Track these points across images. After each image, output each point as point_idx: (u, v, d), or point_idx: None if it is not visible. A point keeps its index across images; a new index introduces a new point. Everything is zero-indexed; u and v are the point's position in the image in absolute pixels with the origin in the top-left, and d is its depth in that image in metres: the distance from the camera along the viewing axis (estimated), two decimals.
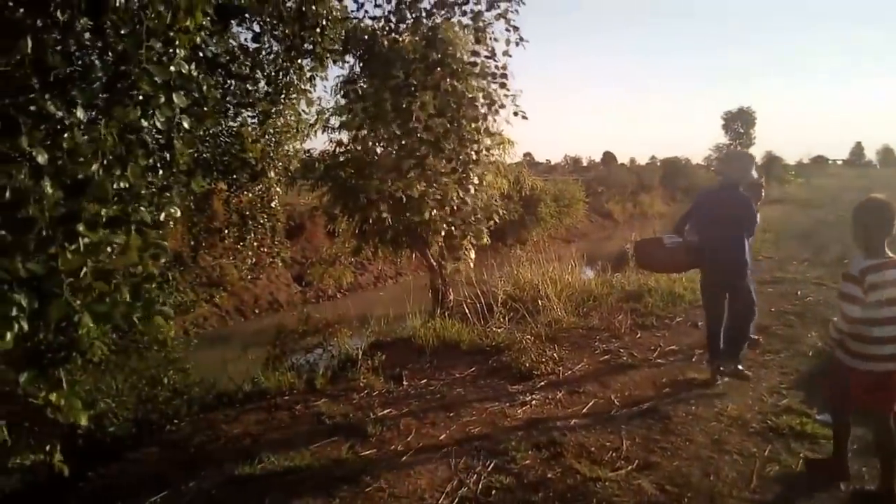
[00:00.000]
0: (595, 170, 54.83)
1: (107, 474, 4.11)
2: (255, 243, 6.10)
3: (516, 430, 4.49)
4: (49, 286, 1.66)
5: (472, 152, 2.72)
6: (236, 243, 6.06)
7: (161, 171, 1.94)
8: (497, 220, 3.69)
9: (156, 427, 5.00)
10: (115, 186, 1.64)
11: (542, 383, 5.51)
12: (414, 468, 3.91)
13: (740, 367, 5.54)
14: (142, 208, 1.71)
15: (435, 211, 2.93)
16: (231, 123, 3.85)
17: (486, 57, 2.73)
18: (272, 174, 4.76)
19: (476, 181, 2.84)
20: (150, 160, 1.88)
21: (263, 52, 3.49)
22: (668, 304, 8.20)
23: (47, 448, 1.91)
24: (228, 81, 3.07)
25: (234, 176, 5.31)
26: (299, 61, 3.65)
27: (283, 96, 3.85)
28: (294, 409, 5.10)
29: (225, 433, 4.60)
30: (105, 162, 1.58)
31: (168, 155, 1.85)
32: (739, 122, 52.75)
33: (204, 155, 5.04)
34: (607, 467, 3.89)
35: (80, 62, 1.49)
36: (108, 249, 1.72)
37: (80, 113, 1.47)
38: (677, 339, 6.89)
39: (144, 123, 1.69)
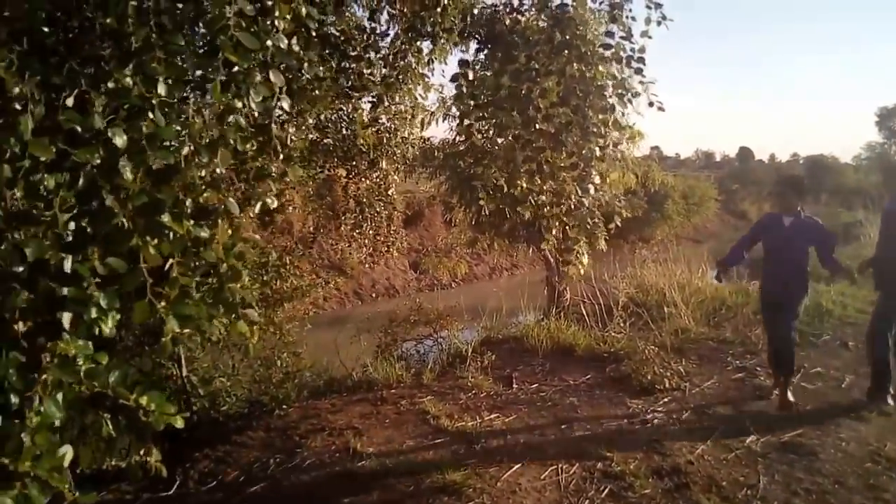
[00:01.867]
0: (729, 166, 51.69)
1: (213, 456, 4.13)
2: (371, 231, 5.98)
3: (635, 451, 4.09)
4: (130, 284, 1.52)
5: (597, 148, 2.40)
6: (353, 230, 5.98)
7: (258, 158, 1.76)
8: (618, 224, 3.35)
9: (266, 410, 5.01)
10: (202, 174, 1.47)
11: (666, 399, 5.04)
12: (520, 484, 3.63)
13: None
14: (230, 199, 1.52)
15: (547, 208, 2.65)
16: (344, 108, 3.71)
17: (622, 38, 2.39)
18: (384, 164, 4.58)
19: (597, 180, 2.52)
20: (247, 145, 1.71)
21: (379, 32, 3.31)
22: (813, 320, 7.36)
23: (142, 451, 1.77)
24: (343, 63, 2.90)
25: (354, 162, 5.22)
26: (418, 44, 3.42)
27: (400, 81, 3.64)
28: (399, 403, 4.95)
29: (330, 423, 4.52)
30: (192, 147, 1.41)
31: (264, 139, 1.67)
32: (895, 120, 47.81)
33: (324, 140, 4.98)
34: None
35: (160, 28, 1.33)
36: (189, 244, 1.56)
37: (161, 89, 1.30)
38: (823, 360, 6.14)
39: (238, 104, 1.51)
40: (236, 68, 1.46)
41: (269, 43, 1.50)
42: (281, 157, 4.64)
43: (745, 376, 5.61)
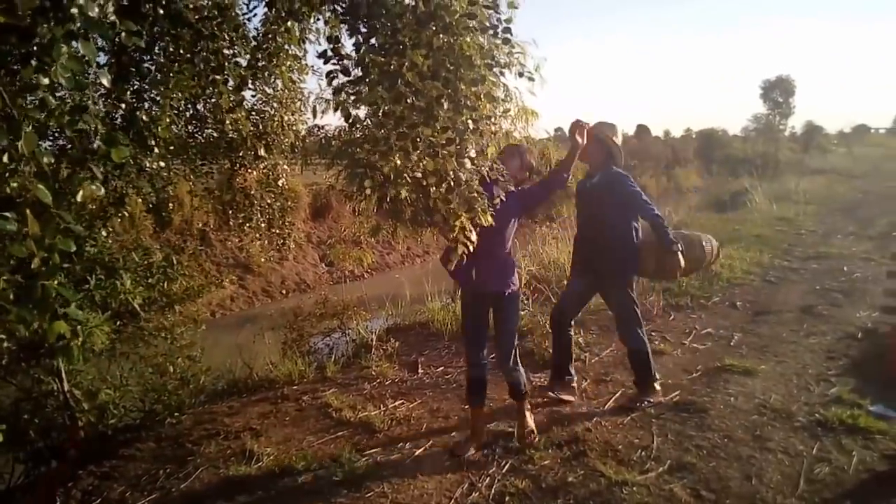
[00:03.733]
0: (629, 143, 53.51)
1: (99, 472, 3.86)
2: (264, 224, 5.75)
3: (536, 424, 4.12)
4: None
5: (470, 120, 2.35)
6: (243, 224, 5.74)
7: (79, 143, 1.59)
8: (503, 199, 3.32)
9: (158, 419, 4.75)
10: (4, 160, 1.31)
11: None
12: (422, 469, 3.58)
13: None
14: (40, 186, 1.36)
15: (433, 189, 2.57)
16: (212, 96, 3.51)
17: (486, 7, 2.33)
18: (262, 151, 4.39)
19: (473, 153, 2.47)
20: (70, 129, 1.54)
21: (244, 12, 3.14)
22: (703, 283, 7.70)
23: None
24: (200, 42, 2.71)
25: (240, 153, 4.99)
26: (288, 23, 3.26)
27: (271, 63, 3.48)
28: (301, 400, 4.81)
29: (226, 427, 4.33)
30: None
31: (80, 121, 1.50)
32: (778, 91, 50.89)
33: (205, 131, 4.75)
34: (635, 469, 3.50)
35: None
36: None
37: None
38: (714, 321, 6.44)
39: (44, 80, 1.35)
40: (37, 39, 1.30)
41: (72, 10, 1.35)
42: (155, 149, 4.39)
43: None
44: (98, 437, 4.57)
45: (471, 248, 2.72)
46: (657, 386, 4.51)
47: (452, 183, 2.50)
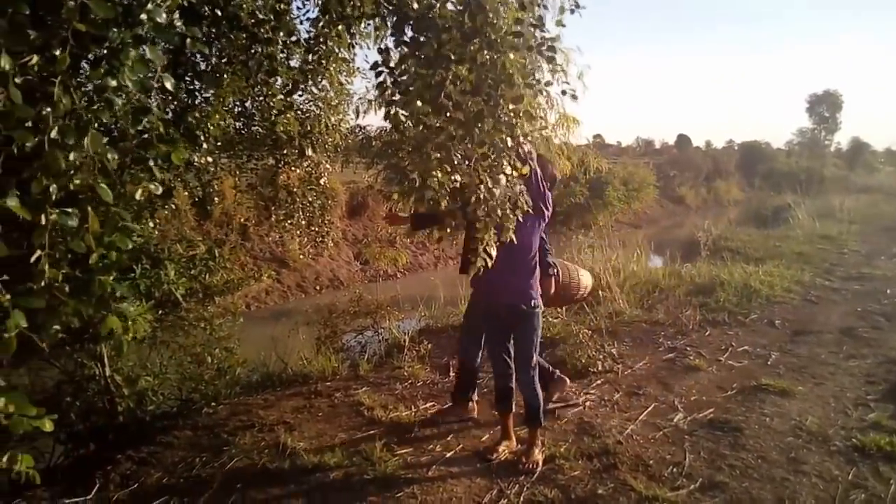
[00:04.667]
0: (668, 153, 52.88)
1: (137, 458, 3.97)
2: (304, 221, 5.85)
3: (566, 434, 4.12)
4: None
5: (508, 138, 2.36)
6: (285, 221, 5.84)
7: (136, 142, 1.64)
8: (526, 221, 3.30)
9: (195, 408, 4.86)
10: (70, 158, 1.36)
11: (599, 382, 5.11)
12: (451, 473, 3.60)
13: None
14: (103, 185, 1.42)
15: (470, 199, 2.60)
16: (263, 95, 3.59)
17: (532, 25, 2.33)
18: (309, 151, 4.47)
19: (508, 170, 2.47)
20: (134, 128, 1.60)
21: (297, 16, 3.21)
22: (742, 300, 7.60)
23: (6, 458, 1.65)
24: (254, 46, 2.78)
25: (284, 151, 5.10)
26: (339, 27, 3.32)
27: (321, 66, 3.54)
28: (334, 396, 4.87)
29: (260, 419, 4.41)
30: (57, 128, 1.30)
31: (144, 121, 1.56)
32: (825, 106, 49.84)
33: (251, 128, 4.86)
34: (666, 485, 3.48)
35: None
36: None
37: (4, 63, 1.18)
38: (751, 338, 6.35)
39: (112, 83, 1.41)
40: (107, 44, 1.36)
41: (142, 16, 1.41)
42: (204, 145, 4.49)
43: (675, 356, 5.74)
44: (136, 423, 4.69)
45: (489, 263, 2.73)
46: (471, 404, 4.40)
47: (483, 197, 2.52)
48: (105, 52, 1.40)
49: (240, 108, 4.70)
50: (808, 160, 42.79)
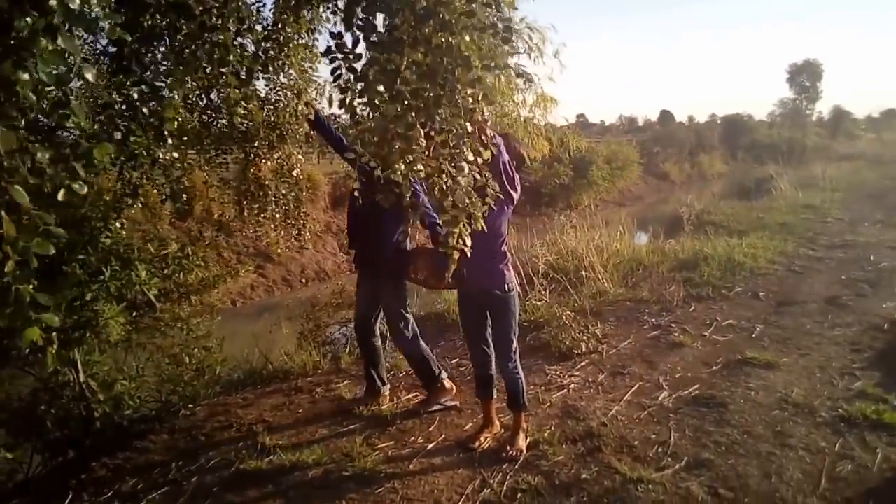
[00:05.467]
0: (652, 129, 52.84)
1: (111, 465, 3.87)
2: (278, 215, 5.73)
3: (550, 418, 4.06)
4: None
5: (468, 123, 2.26)
6: (258, 214, 5.72)
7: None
8: (493, 205, 3.22)
9: (173, 411, 4.76)
10: None
11: (583, 363, 5.05)
12: (433, 464, 3.53)
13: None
14: (17, 186, 1.31)
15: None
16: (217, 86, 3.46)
17: (484, 4, 2.23)
18: (275, 141, 4.37)
19: (471, 157, 2.37)
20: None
21: (248, 0, 3.08)
22: (725, 273, 7.57)
23: None
24: (205, 35, 2.65)
25: (255, 144, 4.98)
26: (298, 13, 3.20)
27: (282, 54, 3.42)
28: (315, 391, 4.79)
29: (239, 419, 4.32)
30: None
31: (61, 117, 1.45)
32: (805, 75, 49.87)
33: (219, 121, 4.74)
34: (651, 466, 3.42)
35: None
36: None
37: None
38: (735, 311, 6.31)
39: (24, 76, 1.30)
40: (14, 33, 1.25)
41: (51, 2, 1.29)
42: (168, 140, 4.36)
43: (660, 334, 5.70)
44: (114, 428, 4.59)
45: (468, 254, 2.63)
46: (447, 383, 4.35)
47: (448, 186, 2.41)
48: (13, 42, 1.29)
49: (205, 102, 4.57)
50: (789, 130, 42.93)
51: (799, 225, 11.41)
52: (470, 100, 2.45)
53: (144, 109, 2.72)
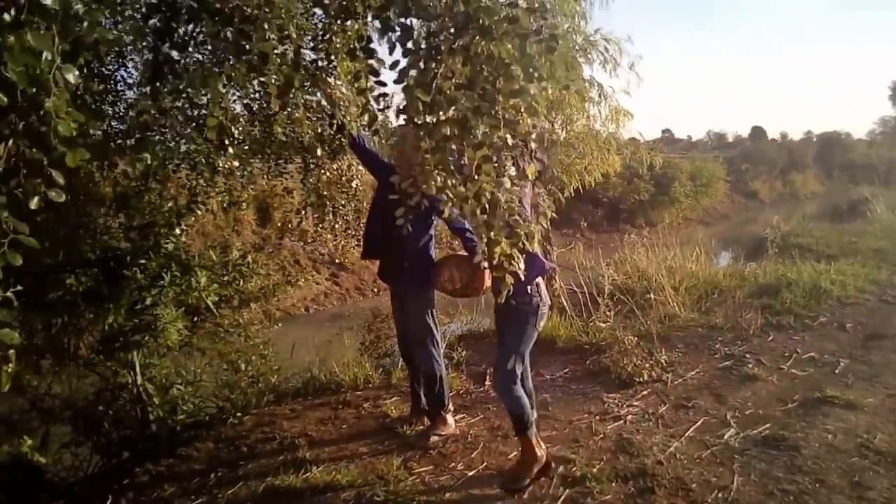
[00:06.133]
0: (742, 146, 50.74)
1: (154, 471, 3.89)
2: (338, 225, 5.72)
3: (602, 452, 3.80)
4: None
5: (508, 136, 2.09)
6: (317, 225, 5.72)
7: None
8: (548, 223, 3.02)
9: (223, 418, 4.77)
10: None
11: (644, 392, 4.75)
12: (471, 495, 3.35)
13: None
14: None
15: (476, 211, 2.32)
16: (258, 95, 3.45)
17: (528, 10, 2.05)
18: (319, 151, 4.33)
19: (513, 171, 2.20)
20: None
21: (304, 10, 3.04)
22: (810, 301, 7.02)
23: None
24: (241, 42, 2.62)
25: (314, 154, 4.99)
26: (348, 22, 3.12)
27: (328, 64, 3.36)
28: (362, 407, 4.69)
29: (283, 432, 4.27)
30: None
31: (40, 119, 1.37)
32: None
33: (275, 131, 4.76)
34: None
35: None
36: None
37: None
38: (818, 343, 5.82)
39: None
40: None
41: None
42: (230, 149, 4.37)
43: (733, 364, 5.30)
44: (168, 432, 4.65)
45: (522, 277, 2.45)
46: (449, 418, 4.10)
47: (489, 206, 2.25)
48: None
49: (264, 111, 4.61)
50: (889, 150, 40.27)
51: (894, 251, 10.54)
52: (512, 111, 2.29)
53: (180, 117, 2.70)
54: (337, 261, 16.53)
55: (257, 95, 3.46)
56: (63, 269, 4.32)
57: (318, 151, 4.18)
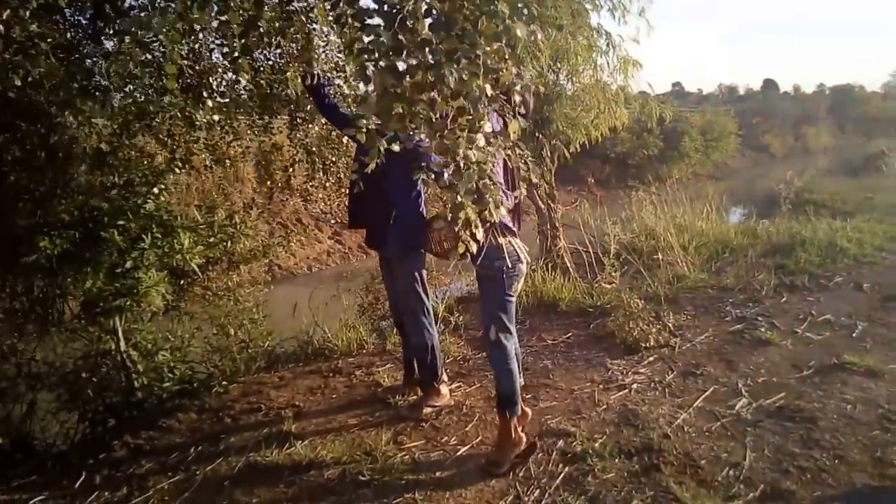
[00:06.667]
0: (753, 99, 49.69)
1: (133, 444, 3.69)
2: (329, 182, 5.45)
3: (605, 425, 3.57)
4: None
5: (487, 86, 1.78)
6: (306, 182, 5.45)
7: None
8: (529, 187, 2.68)
9: (209, 386, 4.57)
10: None
11: (651, 359, 4.50)
12: (463, 473, 3.13)
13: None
14: None
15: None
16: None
17: None
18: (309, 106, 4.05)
19: (488, 128, 1.89)
20: None
21: None
22: (825, 260, 6.71)
23: None
24: None
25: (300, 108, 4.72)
26: None
27: (299, 12, 3.04)
28: (353, 374, 4.48)
29: (269, 402, 4.07)
30: None
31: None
32: None
33: (261, 85, 4.52)
34: (718, 493, 2.90)
35: None
36: None
37: None
38: (834, 305, 5.53)
39: None
40: None
41: None
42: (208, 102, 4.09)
43: (744, 328, 5.03)
44: (154, 400, 4.47)
45: (474, 249, 2.15)
46: (443, 388, 3.88)
47: (462, 164, 1.95)
48: None
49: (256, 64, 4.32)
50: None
51: None
52: (495, 56, 1.97)
53: (131, 63, 2.40)
54: (333, 221, 16.28)
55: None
56: (40, 230, 4.08)
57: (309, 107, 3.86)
